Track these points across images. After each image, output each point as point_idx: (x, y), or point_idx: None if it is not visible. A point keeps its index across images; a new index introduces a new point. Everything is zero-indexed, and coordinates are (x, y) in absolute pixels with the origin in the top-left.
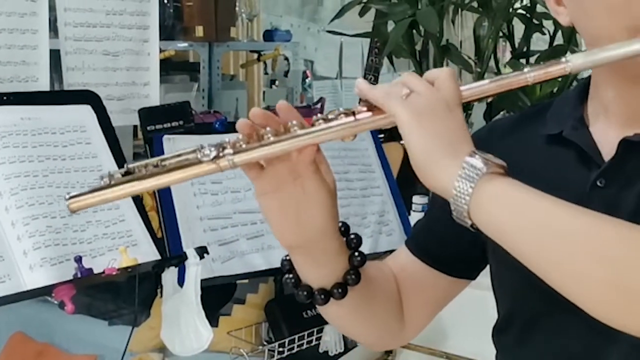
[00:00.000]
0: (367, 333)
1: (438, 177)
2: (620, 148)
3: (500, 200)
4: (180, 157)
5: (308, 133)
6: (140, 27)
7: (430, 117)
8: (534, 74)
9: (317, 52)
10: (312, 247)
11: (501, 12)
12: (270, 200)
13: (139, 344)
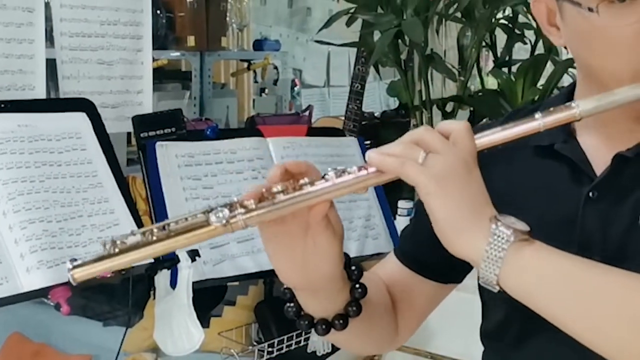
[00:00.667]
0: (365, 347)
1: (465, 246)
2: (614, 163)
3: (529, 270)
4: (187, 221)
5: (319, 190)
6: (134, 37)
7: (452, 182)
8: (544, 120)
9: (305, 61)
10: (316, 288)
11: (484, 22)
12: (277, 247)
13: (132, 345)
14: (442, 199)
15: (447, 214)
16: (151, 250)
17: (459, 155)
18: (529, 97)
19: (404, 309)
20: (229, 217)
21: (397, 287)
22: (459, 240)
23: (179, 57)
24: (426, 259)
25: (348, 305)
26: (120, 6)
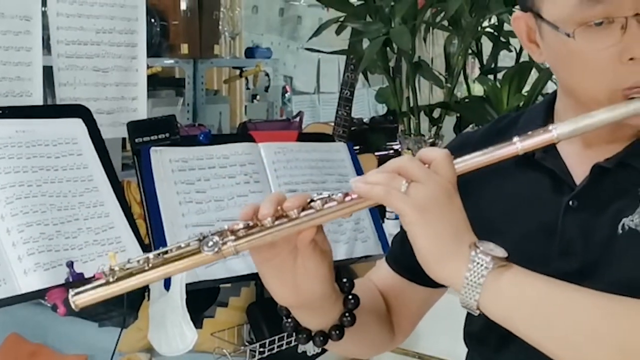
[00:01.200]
0: (363, 351)
1: (445, 273)
2: (592, 173)
3: (507, 295)
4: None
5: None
6: (129, 45)
7: (433, 211)
8: (522, 144)
9: (296, 68)
10: (309, 306)
11: (470, 30)
12: (269, 270)
13: (127, 345)
14: (424, 228)
15: (428, 242)
16: (148, 277)
17: (440, 184)
18: (514, 104)
19: (398, 313)
20: (220, 245)
21: (391, 293)
22: (440, 267)
23: (172, 64)
24: (416, 265)
25: (342, 316)
26: (115, 15)
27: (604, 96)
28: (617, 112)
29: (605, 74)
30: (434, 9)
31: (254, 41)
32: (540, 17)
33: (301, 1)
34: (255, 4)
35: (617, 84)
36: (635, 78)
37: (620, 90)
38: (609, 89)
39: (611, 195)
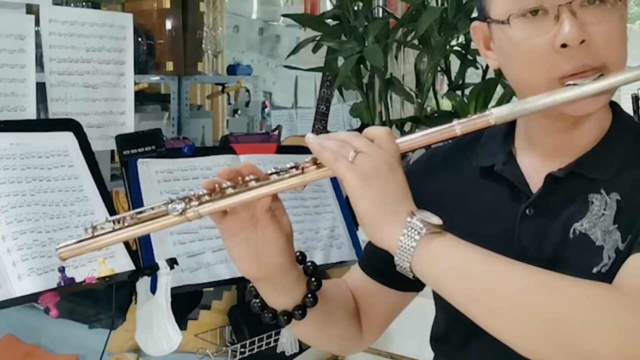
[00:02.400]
0: (330, 343)
1: (383, 236)
2: (546, 182)
3: (437, 259)
4: (153, 210)
5: (262, 185)
6: (117, 63)
7: (375, 180)
8: (461, 126)
9: (275, 84)
10: (273, 279)
11: (439, 49)
12: (234, 241)
13: (116, 345)
14: (365, 195)
15: (368, 207)
16: (123, 234)
17: (383, 157)
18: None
19: (368, 315)
20: (184, 208)
21: (362, 295)
22: (378, 231)
23: (158, 81)
24: (387, 270)
25: (305, 297)
26: (104, 34)
27: (542, 86)
28: (552, 98)
29: (541, 62)
30: (405, 29)
31: (235, 59)
32: (490, 21)
33: (280, 21)
34: (237, 23)
35: (553, 72)
36: (569, 65)
37: (557, 79)
38: (546, 77)
39: (563, 202)
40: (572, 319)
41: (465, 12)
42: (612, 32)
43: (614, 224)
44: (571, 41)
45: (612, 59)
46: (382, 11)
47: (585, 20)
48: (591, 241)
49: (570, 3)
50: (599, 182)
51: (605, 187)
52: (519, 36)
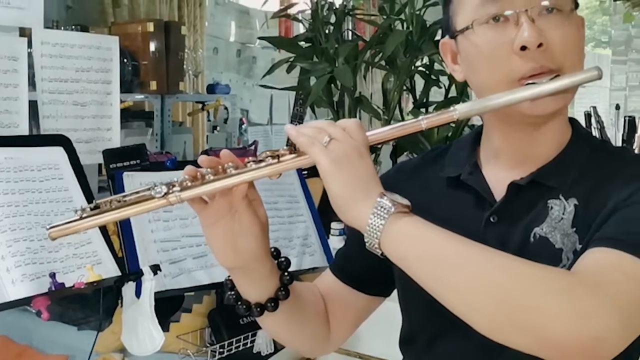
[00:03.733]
0: (299, 340)
1: (354, 215)
2: (509, 190)
3: (404, 236)
4: (137, 194)
5: (240, 173)
6: (104, 82)
7: (346, 164)
8: (427, 121)
9: (251, 102)
10: (248, 268)
11: (405, 69)
12: (213, 230)
13: (103, 346)
14: (338, 177)
15: (340, 189)
16: (110, 216)
17: (353, 144)
18: (443, 134)
19: (337, 318)
20: (167, 192)
21: (333, 298)
22: (349, 210)
23: (142, 99)
24: (357, 275)
25: (278, 290)
26: (92, 55)
27: (503, 87)
28: (512, 96)
29: (502, 64)
30: (373, 51)
31: (215, 79)
32: (456, 33)
33: (256, 43)
34: (216, 45)
35: (513, 73)
36: (527, 66)
37: (516, 80)
38: (507, 79)
39: (524, 208)
40: (530, 300)
41: (429, 36)
42: (568, 38)
43: (572, 228)
44: (530, 44)
45: (568, 63)
46: (351, 34)
47: (542, 27)
48: (551, 244)
49: (529, 10)
50: (558, 189)
51: (564, 193)
52: (482, 40)
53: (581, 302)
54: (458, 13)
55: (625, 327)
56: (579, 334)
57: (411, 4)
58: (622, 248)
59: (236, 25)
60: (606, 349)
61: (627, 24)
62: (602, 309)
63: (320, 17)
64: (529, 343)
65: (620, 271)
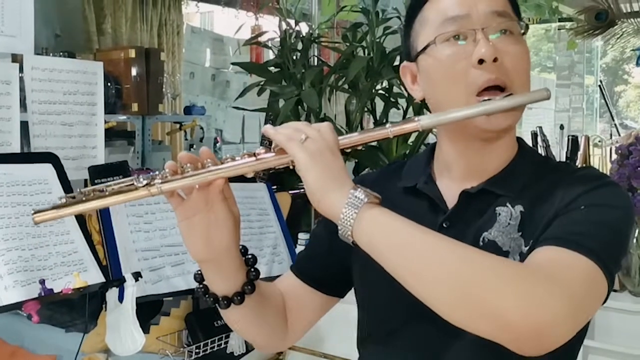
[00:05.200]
0: (259, 334)
1: (329, 205)
2: (460, 198)
3: (375, 225)
4: (120, 185)
5: (219, 168)
6: (90, 104)
7: (320, 159)
8: (393, 129)
9: (225, 123)
10: (218, 261)
11: (366, 92)
12: (188, 224)
13: (88, 347)
14: (313, 169)
15: (316, 181)
16: (92, 204)
17: (326, 144)
18: (401, 152)
19: (294, 315)
20: (148, 183)
21: (292, 297)
22: (325, 200)
23: (125, 119)
24: (315, 274)
25: (244, 285)
26: (78, 80)
27: (461, 101)
28: (470, 110)
29: (461, 78)
30: (337, 75)
31: (191, 101)
32: (418, 54)
33: (229, 69)
34: (192, 71)
35: (472, 86)
36: (484, 78)
37: (474, 94)
38: (465, 92)
39: (475, 215)
40: (487, 286)
41: (388, 61)
42: (519, 58)
43: (518, 232)
44: (486, 57)
45: (518, 81)
46: (317, 60)
47: (497, 45)
48: (499, 247)
49: (485, 29)
50: (505, 197)
51: (511, 201)
52: (443, 55)
53: (535, 291)
54: (420, 34)
55: (574, 316)
56: (533, 320)
57: (372, 33)
58: (567, 246)
59: (211, 51)
60: (557, 335)
61: (570, 51)
62: (554, 297)
63: (288, 45)
64: (489, 329)
65: (567, 266)
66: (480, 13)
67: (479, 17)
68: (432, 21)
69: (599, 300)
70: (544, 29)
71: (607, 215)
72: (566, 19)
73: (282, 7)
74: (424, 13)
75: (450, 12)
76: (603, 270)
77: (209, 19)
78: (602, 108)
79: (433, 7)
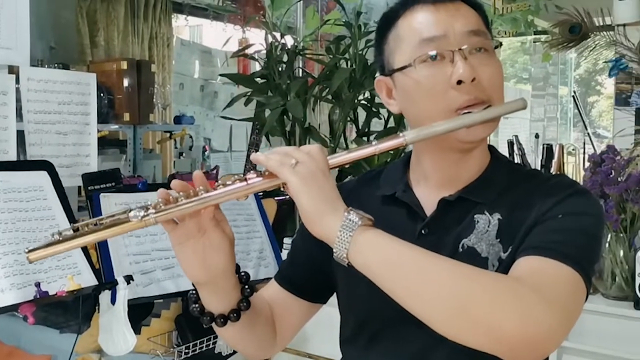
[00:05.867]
0: (251, 345)
1: (324, 228)
2: (439, 206)
3: (370, 247)
4: (113, 217)
5: (211, 196)
6: (83, 114)
7: (313, 183)
8: (380, 146)
9: (213, 132)
10: (214, 283)
11: (349, 102)
12: (183, 248)
13: (82, 347)
14: (307, 194)
15: (311, 205)
16: (86, 239)
17: (317, 166)
18: (382, 159)
19: (281, 322)
20: (143, 215)
21: (278, 305)
22: (319, 224)
23: (117, 129)
24: (298, 283)
25: (240, 302)
26: (72, 90)
27: (441, 117)
28: (453, 124)
29: (440, 97)
30: (321, 86)
31: (181, 111)
32: (393, 71)
33: (217, 80)
34: (182, 82)
35: (450, 105)
36: (463, 98)
37: (453, 111)
38: (444, 110)
39: (453, 222)
40: (483, 301)
41: (370, 73)
42: (494, 74)
43: (496, 239)
44: (465, 78)
45: (495, 95)
46: (301, 72)
47: (473, 64)
48: (477, 253)
49: (462, 49)
50: (483, 205)
51: (488, 209)
52: (422, 76)
53: (528, 304)
54: (395, 52)
55: (565, 324)
56: (526, 332)
57: (354, 45)
58: (549, 255)
59: (200, 63)
60: (550, 344)
61: (545, 63)
62: (546, 309)
63: (274, 57)
64: (485, 342)
65: (552, 275)
66: (457, 33)
67: (456, 37)
68: (407, 40)
69: (581, 304)
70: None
71: (583, 222)
72: (541, 32)
73: (268, 21)
74: (398, 30)
75: (426, 32)
76: (583, 276)
77: (197, 32)
78: (575, 118)
79: (407, 23)
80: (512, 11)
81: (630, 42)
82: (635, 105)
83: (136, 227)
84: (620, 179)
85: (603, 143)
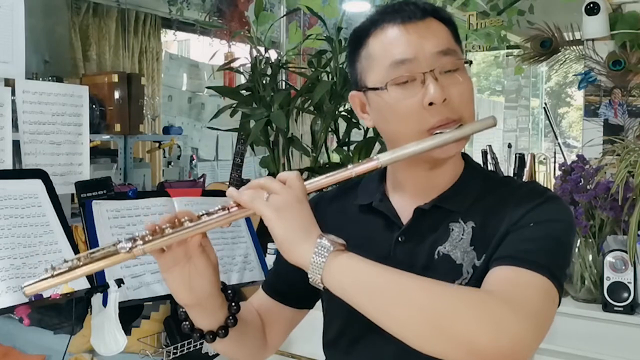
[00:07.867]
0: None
1: (298, 255)
2: (415, 214)
3: (343, 270)
4: (104, 250)
5: (195, 225)
6: (76, 124)
7: (287, 212)
8: (356, 169)
9: (200, 142)
10: (202, 304)
11: (330, 114)
12: (170, 274)
13: (75, 347)
14: (281, 224)
15: (283, 233)
16: (79, 272)
17: (292, 194)
18: None
19: (270, 329)
20: (131, 247)
21: (266, 313)
22: (294, 251)
23: (108, 139)
24: (284, 290)
25: (227, 319)
26: (66, 102)
27: (414, 137)
28: (425, 144)
29: (413, 118)
30: (303, 98)
31: (169, 122)
32: (366, 89)
33: (204, 92)
34: (170, 94)
35: (423, 125)
36: (435, 119)
37: (426, 131)
38: (417, 130)
39: (429, 230)
40: (456, 317)
41: (350, 85)
42: (464, 93)
43: (470, 246)
44: (436, 100)
45: (466, 113)
46: (285, 84)
47: (444, 84)
48: (452, 260)
49: (433, 71)
50: (457, 213)
51: (463, 217)
52: (394, 98)
53: (502, 316)
54: (368, 72)
55: (539, 333)
56: (500, 344)
57: (335, 59)
58: (522, 265)
59: (187, 76)
60: (524, 353)
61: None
62: (519, 320)
63: (259, 70)
64: (462, 356)
65: (525, 285)
66: (427, 55)
67: (426, 59)
68: (378, 61)
69: (554, 311)
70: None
71: (554, 229)
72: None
73: (253, 36)
74: (369, 49)
75: (397, 55)
76: (554, 283)
77: (185, 46)
78: (546, 128)
79: (378, 43)
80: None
81: (599, 56)
82: (604, 116)
83: (126, 258)
84: (589, 187)
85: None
